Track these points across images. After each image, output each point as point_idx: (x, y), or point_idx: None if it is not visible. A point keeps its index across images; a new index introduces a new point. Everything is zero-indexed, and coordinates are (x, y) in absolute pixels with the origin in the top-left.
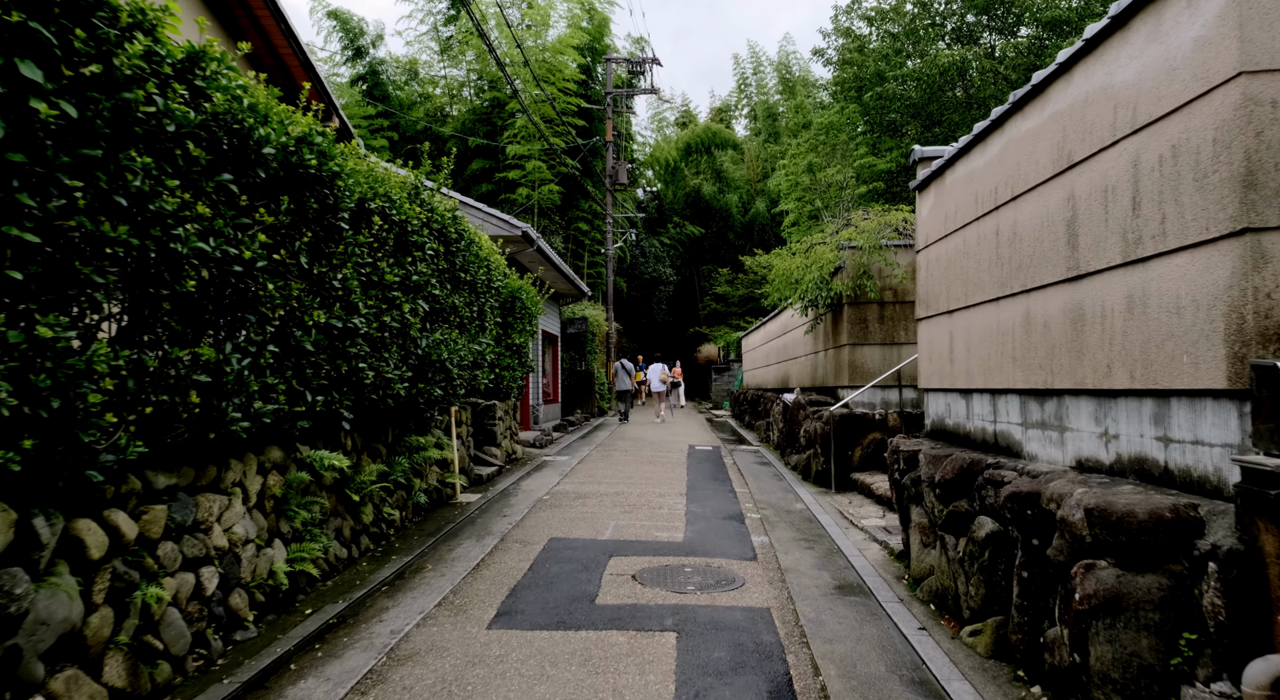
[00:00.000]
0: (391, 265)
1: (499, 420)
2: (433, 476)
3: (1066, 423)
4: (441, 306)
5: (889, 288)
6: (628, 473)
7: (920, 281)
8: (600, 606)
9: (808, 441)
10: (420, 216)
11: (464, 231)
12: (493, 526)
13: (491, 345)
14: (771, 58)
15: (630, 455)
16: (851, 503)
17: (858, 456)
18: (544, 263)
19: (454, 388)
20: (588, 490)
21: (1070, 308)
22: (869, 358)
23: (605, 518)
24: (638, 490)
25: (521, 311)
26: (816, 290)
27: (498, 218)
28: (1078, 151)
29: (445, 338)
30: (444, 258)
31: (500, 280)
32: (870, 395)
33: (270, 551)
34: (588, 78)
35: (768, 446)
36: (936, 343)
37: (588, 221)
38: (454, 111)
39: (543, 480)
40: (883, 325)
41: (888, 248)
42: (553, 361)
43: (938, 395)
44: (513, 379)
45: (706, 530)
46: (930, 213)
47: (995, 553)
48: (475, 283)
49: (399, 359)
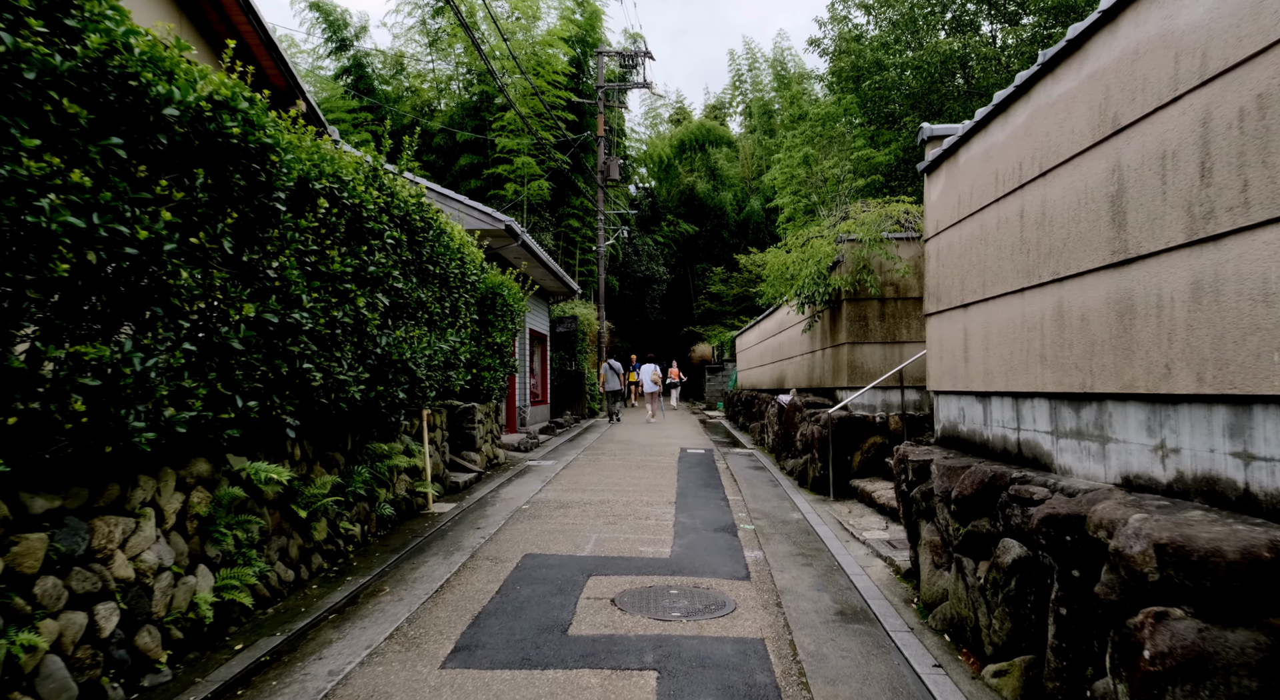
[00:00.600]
0: (343, 254)
1: (478, 424)
2: (401, 486)
3: (1110, 432)
4: (405, 301)
5: (890, 283)
6: (615, 479)
7: (929, 273)
8: (573, 638)
9: (804, 445)
10: (378, 201)
11: (431, 220)
12: (464, 541)
13: (467, 344)
14: (767, 54)
15: (619, 459)
16: (851, 512)
17: (857, 461)
18: (530, 258)
19: (422, 390)
20: (571, 499)
21: (1116, 298)
22: (869, 357)
23: (587, 530)
24: (624, 498)
25: (503, 309)
26: (813, 286)
27: (480, 210)
28: (1125, 114)
29: (409, 335)
30: (408, 248)
31: (476, 274)
32: (870, 397)
33: (192, 580)
34: (579, 72)
35: (762, 450)
36: (948, 340)
37: (579, 218)
38: (442, 106)
39: (524, 487)
40: (883, 323)
41: (889, 241)
42: (541, 361)
43: (949, 398)
44: (494, 380)
45: (696, 544)
46: (941, 197)
47: (1024, 582)
48: (447, 276)
49: (354, 359)
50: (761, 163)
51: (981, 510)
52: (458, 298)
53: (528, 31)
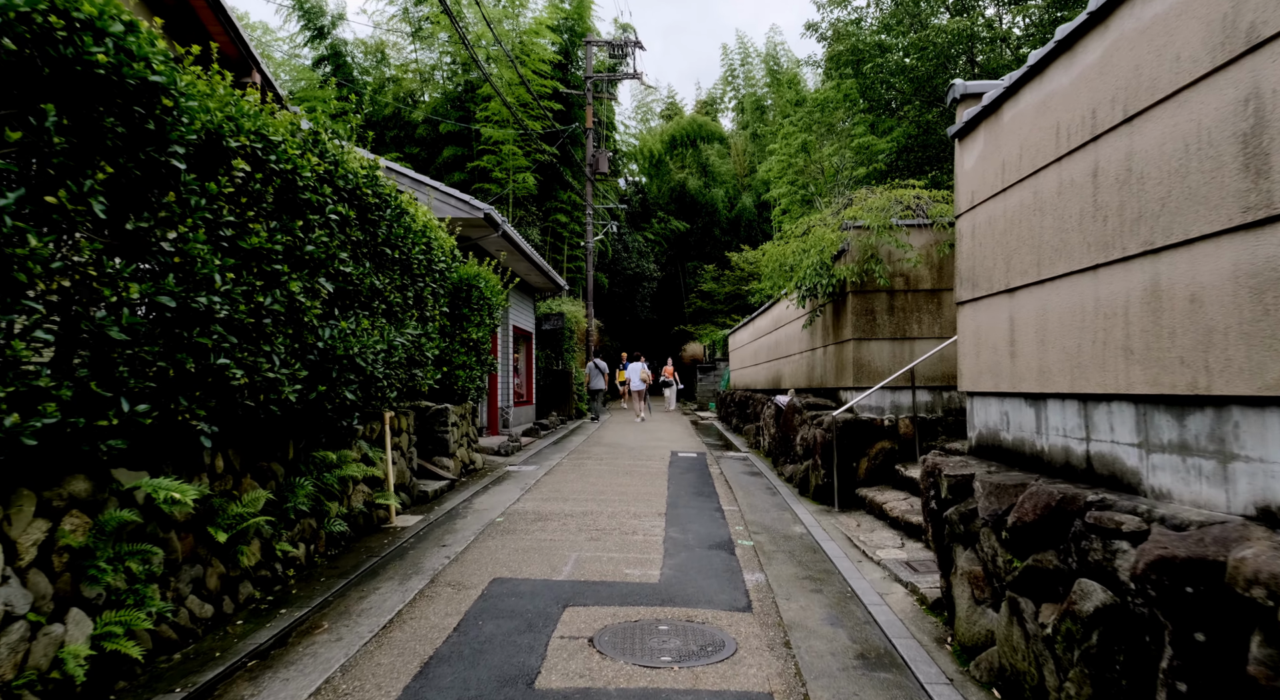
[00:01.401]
0: (272, 229)
1: (452, 427)
2: (358, 498)
3: (1237, 447)
4: (355, 288)
5: (900, 274)
6: (600, 486)
7: (962, 255)
8: (540, 693)
9: (805, 450)
10: (317, 169)
11: (389, 197)
12: (425, 561)
13: (436, 339)
14: (760, 49)
15: (605, 464)
16: (860, 526)
17: (864, 469)
18: (512, 251)
19: (380, 390)
20: (551, 509)
21: (1252, 269)
22: (876, 355)
23: (566, 548)
24: (609, 509)
25: (479, 302)
26: (815, 277)
27: (456, 198)
28: (1268, 23)
29: (361, 328)
30: (359, 227)
31: (446, 262)
32: (878, 398)
33: (58, 630)
34: (567, 62)
35: (758, 453)
36: (988, 332)
37: (566, 213)
38: (426, 96)
39: (500, 496)
40: (892, 317)
41: (899, 227)
42: (526, 360)
43: (988, 401)
44: (469, 379)
45: (689, 565)
46: (979, 164)
47: (1110, 637)
48: (409, 262)
49: (289, 354)
50: (753, 159)
51: (1046, 541)
52: (423, 287)
53: (514, 19)
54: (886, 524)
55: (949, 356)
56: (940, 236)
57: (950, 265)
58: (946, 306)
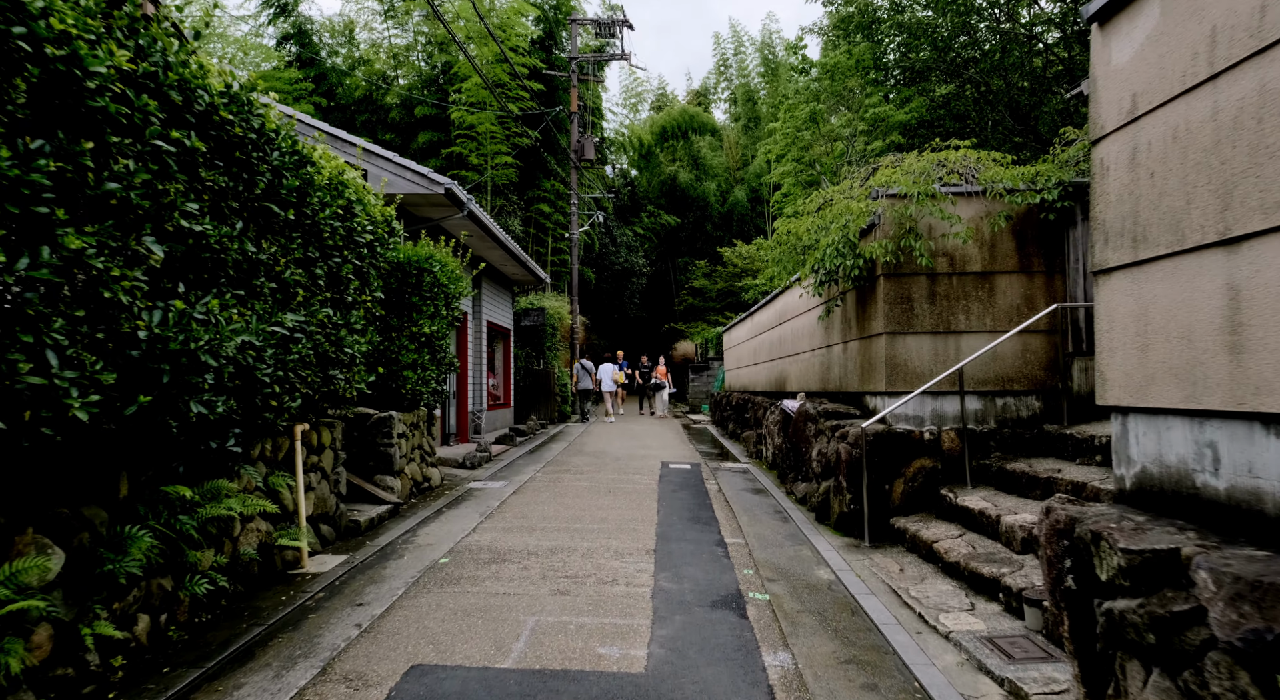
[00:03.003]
0: (28, 148)
1: (398, 439)
2: (251, 538)
3: None
4: (216, 256)
5: (944, 253)
6: (577, 509)
7: (1109, 197)
8: None
9: (824, 468)
10: (125, 66)
11: (273, 133)
12: (326, 633)
13: (363, 332)
14: (754, 38)
15: (585, 479)
16: (905, 572)
17: (899, 493)
18: (482, 235)
19: (269, 398)
20: (512, 544)
21: None
22: (914, 352)
23: (523, 608)
24: (586, 543)
25: (434, 290)
26: (837, 258)
27: (413, 170)
28: None
29: (214, 315)
30: (222, 170)
31: (375, 232)
32: (916, 405)
33: None
34: (551, 43)
35: (759, 465)
36: (1173, 313)
37: (550, 203)
38: (401, 81)
39: (453, 525)
40: (934, 306)
41: (944, 195)
42: (504, 359)
43: (1168, 423)
44: (421, 381)
45: (686, 639)
46: (1149, 48)
47: None
48: (317, 229)
49: (84, 347)
50: (747, 151)
51: None
52: (340, 264)
53: None
54: (939, 569)
55: (1004, 354)
56: (993, 207)
57: (1004, 242)
58: (1000, 293)
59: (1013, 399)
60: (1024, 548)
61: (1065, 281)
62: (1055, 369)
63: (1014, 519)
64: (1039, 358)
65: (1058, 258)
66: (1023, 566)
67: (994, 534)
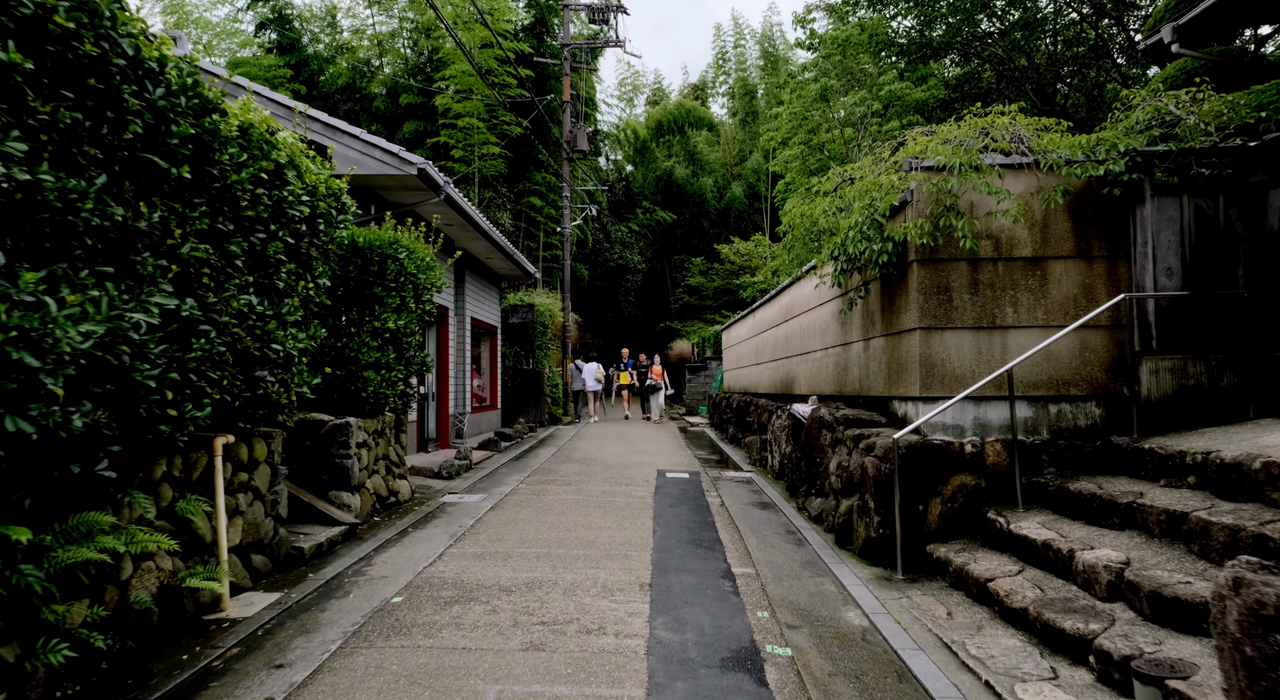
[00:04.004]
0: None
1: (358, 449)
2: (147, 582)
3: None
4: (58, 218)
5: (989, 235)
6: (561, 529)
7: None
8: None
9: (845, 485)
10: None
11: (154, 63)
12: None
13: (300, 326)
14: (755, 30)
15: (573, 491)
16: (953, 616)
17: (936, 515)
18: (463, 223)
19: (149, 406)
20: (481, 577)
21: None
22: (953, 351)
23: (484, 671)
24: (569, 575)
25: (400, 280)
26: (861, 242)
27: (382, 148)
28: None
29: (38, 296)
30: (70, 101)
31: (312, 203)
32: (955, 413)
33: None
34: (543, 31)
35: (764, 474)
36: None
37: (541, 195)
38: (386, 69)
39: (417, 549)
40: (976, 297)
41: (990, 168)
42: (491, 358)
43: None
44: (387, 383)
45: None
46: None
47: None
48: (230, 194)
49: None
50: (744, 147)
51: None
52: (268, 241)
53: None
54: (997, 615)
55: (1058, 354)
56: (1046, 181)
57: (1059, 222)
58: (1054, 281)
59: (1069, 405)
60: (1110, 594)
61: (1131, 268)
62: (1119, 370)
63: (1093, 555)
64: (1099, 357)
65: (1121, 240)
66: (1114, 620)
67: (1065, 572)
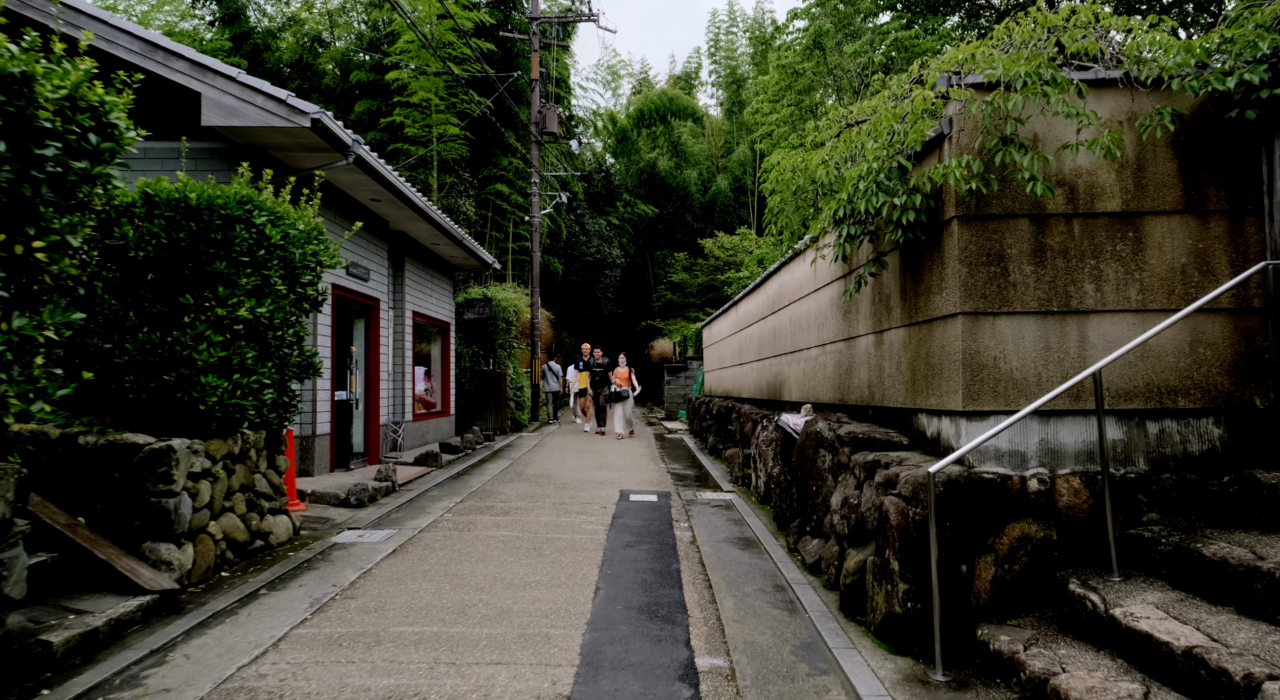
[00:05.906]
0: None
1: (192, 482)
2: None
3: None
4: None
5: (1061, 181)
6: (469, 590)
7: None
8: None
9: (855, 530)
10: None
11: None
12: None
13: (26, 314)
14: (748, 15)
15: (507, 525)
16: None
17: (988, 580)
18: (391, 197)
19: None
20: (313, 691)
21: None
22: (1011, 345)
23: None
24: (451, 680)
25: (261, 254)
26: (878, 195)
27: (264, 93)
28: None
29: None
30: None
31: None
32: (1013, 434)
33: None
34: (510, 4)
35: (745, 494)
36: None
37: (508, 182)
38: (338, 42)
39: (248, 632)
40: (1042, 270)
41: (1069, 83)
42: (443, 359)
43: None
44: (245, 391)
45: None
46: None
47: None
48: None
49: None
50: (731, 139)
51: None
52: None
53: None
54: None
55: (1159, 349)
56: (1145, 103)
57: (1159, 163)
58: (1152, 247)
59: (1174, 423)
60: None
61: (1268, 227)
62: (1251, 373)
63: None
64: (1220, 354)
65: (1251, 188)
66: None
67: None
